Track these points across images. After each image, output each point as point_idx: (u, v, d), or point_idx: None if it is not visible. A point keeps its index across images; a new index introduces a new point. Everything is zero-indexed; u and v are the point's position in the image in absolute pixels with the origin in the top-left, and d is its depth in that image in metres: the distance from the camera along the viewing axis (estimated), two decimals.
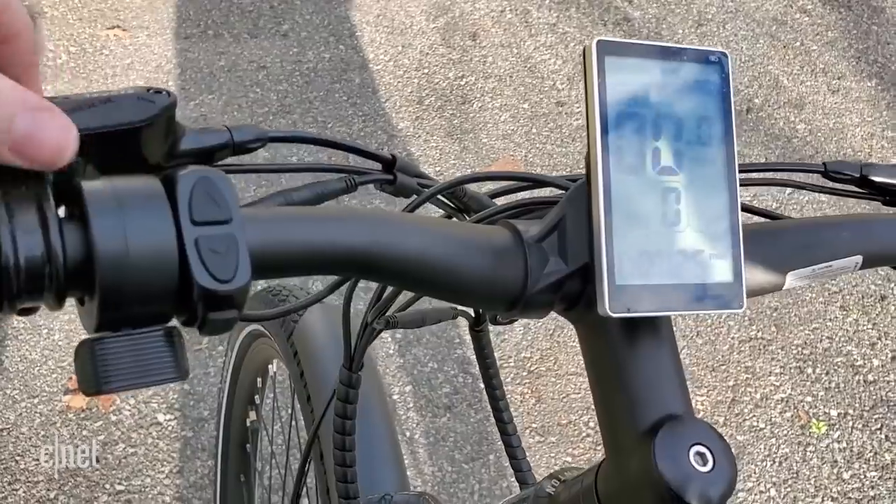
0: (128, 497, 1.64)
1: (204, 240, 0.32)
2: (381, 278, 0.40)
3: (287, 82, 2.55)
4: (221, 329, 0.33)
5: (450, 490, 1.74)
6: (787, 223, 0.52)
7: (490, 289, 0.41)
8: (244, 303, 0.33)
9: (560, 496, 0.48)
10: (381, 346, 1.95)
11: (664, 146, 0.41)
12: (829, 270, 0.50)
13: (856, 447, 1.89)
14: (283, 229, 0.35)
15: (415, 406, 1.86)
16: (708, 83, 0.43)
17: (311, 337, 1.02)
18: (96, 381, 0.31)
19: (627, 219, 0.40)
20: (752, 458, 1.85)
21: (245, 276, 0.32)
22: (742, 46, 2.86)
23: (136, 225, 0.31)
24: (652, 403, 0.42)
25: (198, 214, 0.32)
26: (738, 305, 0.42)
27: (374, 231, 0.37)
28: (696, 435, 0.41)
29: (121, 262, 0.30)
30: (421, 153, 2.40)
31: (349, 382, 0.63)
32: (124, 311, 0.31)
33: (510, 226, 0.42)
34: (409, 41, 2.73)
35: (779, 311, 2.13)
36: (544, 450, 1.82)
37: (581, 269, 0.41)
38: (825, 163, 0.57)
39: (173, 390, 1.80)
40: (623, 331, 0.42)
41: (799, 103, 2.68)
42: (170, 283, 0.31)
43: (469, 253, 0.40)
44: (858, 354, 2.06)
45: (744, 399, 1.95)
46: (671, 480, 0.39)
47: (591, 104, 0.40)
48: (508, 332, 2.00)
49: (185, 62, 2.58)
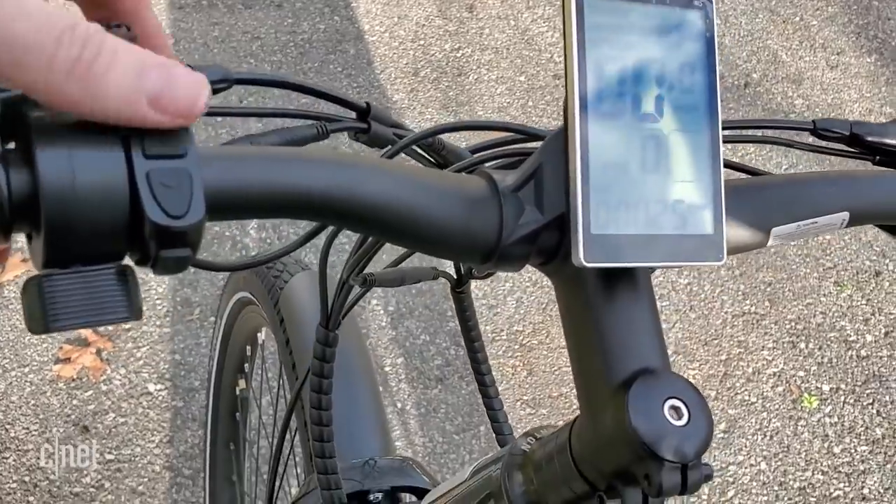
0: (118, 466, 1.64)
1: (156, 173, 0.30)
2: (344, 223, 0.38)
3: (281, 53, 2.53)
4: (175, 268, 0.32)
5: (440, 461, 1.74)
6: (773, 178, 0.50)
7: (463, 239, 0.39)
8: (199, 242, 0.32)
9: (535, 453, 0.47)
10: (373, 318, 1.95)
11: (645, 92, 0.40)
12: (814, 227, 0.48)
13: (847, 422, 1.89)
14: (240, 168, 0.34)
15: (406, 378, 1.86)
16: (692, 28, 0.41)
17: (297, 303, 1.01)
18: (44, 319, 0.30)
19: (605, 166, 0.39)
20: (744, 432, 1.85)
21: (199, 213, 0.31)
22: (741, 21, 2.83)
23: (84, 158, 0.30)
24: (627, 357, 0.41)
25: (150, 148, 0.31)
26: (718, 258, 0.41)
27: (336, 173, 0.36)
28: (671, 388, 0.40)
29: (67, 195, 0.29)
30: (416, 125, 2.38)
31: (325, 341, 0.61)
32: (73, 248, 0.30)
33: (486, 174, 0.40)
34: (405, 12, 2.71)
35: (773, 286, 2.12)
36: (535, 422, 1.82)
37: (557, 220, 0.39)
38: (814, 120, 0.55)
39: (164, 361, 1.80)
40: (600, 283, 0.41)
41: (797, 78, 2.66)
42: (120, 218, 0.30)
43: (440, 200, 0.38)
44: (852, 330, 2.06)
45: (736, 373, 1.95)
46: (645, 435, 0.38)
47: (569, 48, 0.39)
48: (501, 306, 1.99)
49: (179, 32, 2.56)
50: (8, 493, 1.58)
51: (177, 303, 1.90)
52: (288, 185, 0.34)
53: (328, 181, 0.35)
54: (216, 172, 0.33)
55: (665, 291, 2.07)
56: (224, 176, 0.33)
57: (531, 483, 0.46)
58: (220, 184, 0.33)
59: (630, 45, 0.40)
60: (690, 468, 0.39)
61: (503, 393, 1.85)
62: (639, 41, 0.40)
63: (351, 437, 0.94)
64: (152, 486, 1.62)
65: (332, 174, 0.36)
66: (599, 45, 0.39)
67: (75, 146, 0.30)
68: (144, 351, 1.81)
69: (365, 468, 0.86)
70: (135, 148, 0.30)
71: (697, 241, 0.40)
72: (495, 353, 1.92)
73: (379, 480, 0.84)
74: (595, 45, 0.39)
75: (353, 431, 0.95)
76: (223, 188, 0.33)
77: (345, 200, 0.36)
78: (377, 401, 0.99)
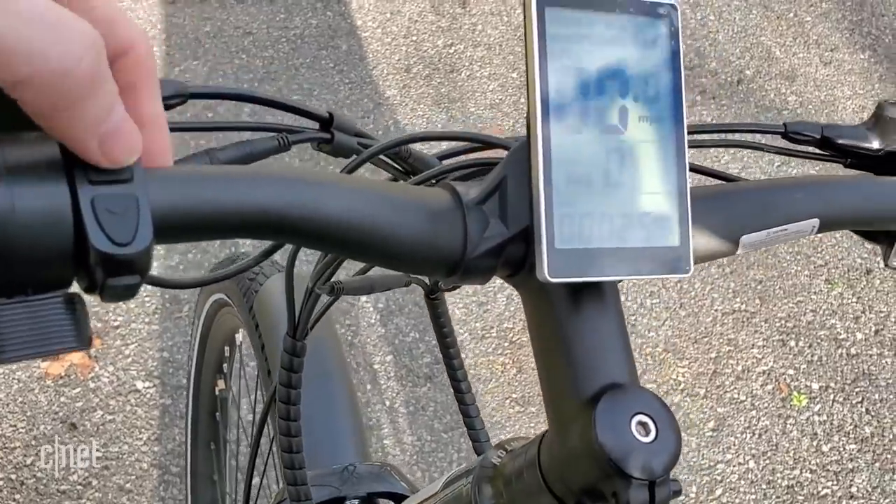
0: (105, 464, 1.64)
1: (101, 199, 0.30)
2: (302, 241, 0.38)
3: (273, 49, 2.53)
4: (124, 296, 0.31)
5: (428, 459, 1.74)
6: (740, 185, 0.49)
7: (426, 253, 0.38)
8: (147, 267, 0.31)
9: (505, 467, 0.46)
10: (362, 315, 1.94)
11: (609, 103, 0.39)
12: (784, 234, 0.48)
13: (836, 420, 1.89)
14: (190, 188, 0.33)
15: (395, 375, 1.86)
16: (656, 37, 0.40)
17: (272, 307, 1.00)
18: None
19: (569, 180, 0.38)
20: (732, 430, 1.85)
21: (146, 240, 0.30)
22: (735, 17, 2.83)
23: (24, 185, 0.29)
24: (594, 372, 0.40)
25: (95, 173, 0.30)
26: (685, 270, 0.41)
27: (290, 190, 0.35)
28: (639, 404, 0.39)
29: (7, 225, 0.28)
30: (408, 122, 2.37)
31: (293, 351, 0.60)
32: (16, 277, 0.29)
33: (449, 187, 0.40)
34: (397, 8, 2.70)
35: (763, 284, 2.12)
36: (524, 419, 1.82)
37: (522, 233, 0.39)
38: (785, 123, 0.55)
39: (153, 358, 1.80)
40: (566, 296, 0.41)
41: (791, 75, 2.66)
42: (65, 246, 0.29)
43: (402, 215, 0.37)
44: (842, 328, 2.06)
45: (725, 371, 1.95)
46: (612, 451, 0.38)
47: (530, 59, 0.38)
48: (491, 303, 1.99)
49: (170, 27, 2.55)
50: None
51: (165, 300, 1.90)
52: (242, 204, 0.34)
53: (284, 199, 0.34)
54: (165, 194, 0.32)
55: (655, 289, 2.07)
56: (173, 198, 0.32)
57: (501, 497, 0.46)
58: (170, 206, 0.32)
59: (593, 55, 0.39)
60: (658, 485, 0.38)
61: (493, 390, 1.85)
62: (602, 52, 0.39)
63: (329, 443, 0.94)
64: (140, 483, 1.62)
65: (289, 191, 0.35)
66: (561, 56, 0.38)
67: (16, 171, 0.29)
68: (133, 348, 1.81)
69: (344, 474, 0.86)
70: (79, 174, 0.30)
71: (664, 253, 0.40)
72: (484, 350, 1.92)
73: (356, 486, 0.84)
74: (557, 56, 0.38)
75: (331, 437, 0.95)
76: (172, 211, 0.32)
77: (302, 219, 0.35)
78: (354, 406, 0.99)
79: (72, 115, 0.29)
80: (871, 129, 0.56)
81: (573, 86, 0.39)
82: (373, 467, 0.90)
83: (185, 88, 0.44)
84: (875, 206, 0.50)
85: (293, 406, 0.62)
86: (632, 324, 1.98)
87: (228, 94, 0.49)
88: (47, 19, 0.28)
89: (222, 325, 1.21)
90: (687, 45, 2.70)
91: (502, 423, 1.81)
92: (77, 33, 0.28)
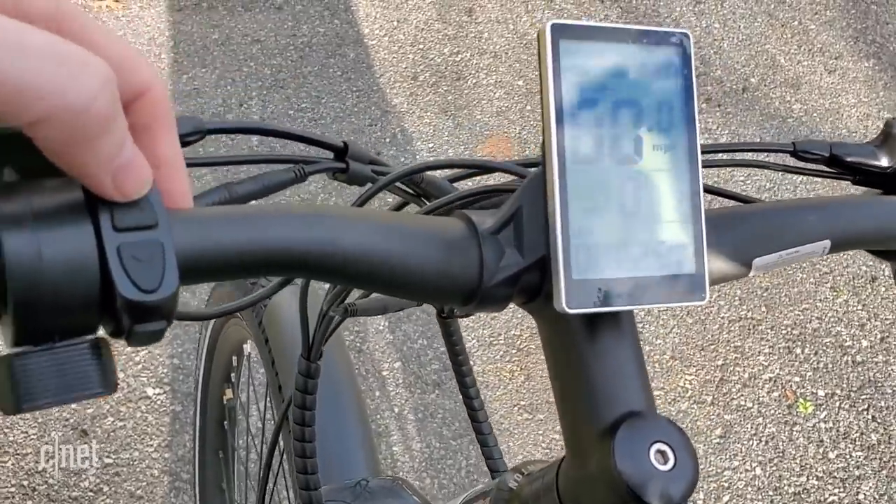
0: (116, 470, 1.65)
1: (127, 247, 0.30)
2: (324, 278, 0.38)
3: (281, 56, 2.54)
4: (151, 340, 0.31)
5: (437, 466, 1.75)
6: (752, 207, 0.50)
7: (443, 284, 0.39)
8: (173, 312, 0.31)
9: (522, 491, 0.47)
10: (370, 322, 1.95)
11: (623, 133, 0.40)
12: (796, 256, 0.48)
13: (842, 427, 1.90)
14: (214, 231, 0.33)
15: (404, 382, 1.87)
16: (669, 66, 0.41)
17: (281, 321, 1.00)
18: (15, 399, 0.29)
19: (584, 210, 0.39)
20: (739, 437, 1.86)
21: (172, 286, 0.30)
22: (740, 25, 2.84)
23: (51, 234, 0.29)
24: (612, 400, 0.41)
25: (120, 220, 0.30)
26: (701, 297, 0.41)
27: (311, 229, 0.35)
28: (657, 433, 0.40)
29: (34, 274, 0.28)
30: (414, 129, 2.39)
31: (307, 373, 0.60)
32: (42, 325, 0.29)
33: (464, 217, 0.40)
34: (404, 16, 2.72)
35: (769, 292, 2.13)
36: (532, 427, 1.83)
37: (538, 262, 0.40)
38: (794, 142, 0.56)
39: (163, 365, 1.81)
40: (583, 325, 0.41)
41: (795, 83, 2.67)
42: (91, 294, 0.29)
43: (419, 247, 0.38)
44: (848, 335, 2.07)
45: (732, 378, 1.96)
46: (630, 479, 0.38)
47: (545, 90, 0.39)
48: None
49: (179, 35, 2.57)
50: (6, 497, 1.59)
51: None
52: (265, 244, 0.34)
53: (306, 237, 0.35)
54: (189, 238, 0.32)
55: None
56: (198, 241, 0.32)
57: None
58: (194, 250, 0.32)
59: (607, 86, 0.40)
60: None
61: (501, 398, 1.86)
62: (616, 82, 0.40)
63: (340, 458, 0.94)
64: (151, 490, 1.63)
65: (310, 230, 0.35)
66: (576, 86, 0.39)
67: (43, 221, 0.29)
68: (143, 355, 1.82)
69: (356, 489, 0.86)
70: (104, 221, 0.30)
71: (680, 281, 0.41)
72: (493, 357, 1.93)
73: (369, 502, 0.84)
74: (572, 87, 0.39)
75: (342, 452, 0.95)
76: (197, 254, 0.32)
77: (324, 255, 0.35)
78: (364, 419, 1.00)
79: (87, 151, 0.29)
80: (880, 147, 0.56)
81: (588, 116, 0.39)
82: (385, 482, 0.90)
83: (202, 125, 0.45)
84: (886, 226, 0.51)
85: (308, 427, 0.62)
86: (639, 331, 1.99)
87: (245, 129, 0.49)
88: (62, 55, 0.28)
89: (230, 336, 1.21)
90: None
91: (511, 431, 1.82)
92: (92, 69, 0.28)
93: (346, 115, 2.40)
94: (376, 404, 1.83)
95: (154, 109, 0.32)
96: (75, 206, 0.30)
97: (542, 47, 0.39)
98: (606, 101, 0.40)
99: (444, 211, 0.46)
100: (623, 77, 0.40)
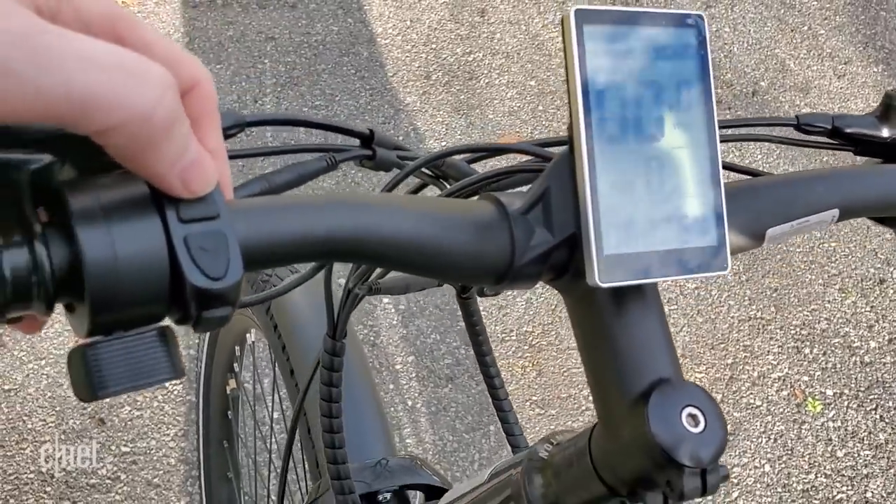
0: (133, 458, 1.67)
1: (193, 237, 0.31)
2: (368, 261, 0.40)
3: (295, 54, 2.56)
4: (216, 325, 0.33)
5: (450, 459, 1.77)
6: (763, 180, 0.52)
7: (477, 264, 0.41)
8: (238, 298, 0.33)
9: (554, 458, 0.49)
10: (383, 316, 1.97)
11: (646, 113, 0.41)
12: (806, 225, 0.50)
13: (850, 426, 1.92)
14: (271, 220, 0.35)
15: (417, 376, 1.88)
16: (686, 46, 0.42)
17: (290, 309, 1.00)
18: (91, 387, 0.30)
19: (612, 188, 0.41)
20: (748, 435, 1.87)
21: (237, 273, 0.32)
22: (750, 29, 2.86)
23: (122, 229, 0.30)
24: (643, 369, 0.42)
25: (185, 212, 0.31)
26: (723, 267, 0.43)
27: (358, 216, 0.37)
28: (688, 397, 0.41)
29: (110, 268, 0.30)
30: (427, 128, 2.41)
31: (333, 351, 0.62)
32: (116, 316, 0.31)
33: (493, 199, 0.42)
34: (417, 16, 2.74)
35: (778, 292, 2.15)
36: (544, 422, 1.84)
37: (568, 240, 0.41)
38: (797, 115, 0.58)
39: None
40: (611, 299, 0.43)
41: (805, 87, 2.69)
42: (161, 284, 0.31)
43: (455, 231, 0.40)
44: (856, 336, 2.09)
45: (741, 377, 1.97)
46: (664, 442, 0.40)
47: (571, 74, 0.40)
48: (511, 307, 2.02)
49: (194, 31, 2.59)
50: (25, 483, 1.60)
51: None
52: (318, 232, 0.36)
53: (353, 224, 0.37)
54: (249, 228, 0.34)
55: (673, 296, 2.10)
56: (257, 231, 0.34)
57: (550, 486, 0.48)
58: (254, 239, 0.34)
59: (630, 68, 0.41)
60: (709, 472, 0.41)
61: (512, 393, 1.87)
62: (638, 64, 0.41)
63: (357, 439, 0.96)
64: (167, 478, 1.65)
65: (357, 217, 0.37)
66: (600, 70, 0.41)
67: (113, 217, 0.30)
68: None
69: (377, 468, 0.88)
70: (170, 214, 0.31)
71: (703, 252, 0.42)
72: (505, 353, 1.94)
73: (389, 480, 0.86)
74: (596, 70, 0.40)
75: (359, 433, 0.97)
76: (257, 243, 0.34)
77: (371, 241, 0.37)
78: (378, 404, 1.01)
79: (155, 154, 0.30)
80: (880, 118, 0.58)
81: (612, 98, 0.41)
82: (404, 461, 0.92)
83: (242, 118, 0.46)
84: (888, 193, 0.52)
85: (335, 403, 0.63)
86: None
87: (282, 120, 0.51)
88: (126, 65, 0.28)
89: (232, 327, 1.22)
90: None
91: (523, 425, 1.82)
92: (154, 76, 0.29)
93: (359, 113, 2.42)
94: (390, 398, 1.84)
95: (203, 103, 0.34)
96: (142, 201, 0.31)
97: (567, 32, 0.40)
98: (629, 82, 0.41)
99: (468, 192, 0.48)
100: (644, 59, 0.42)
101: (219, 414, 1.35)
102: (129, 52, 0.29)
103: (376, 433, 0.99)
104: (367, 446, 0.96)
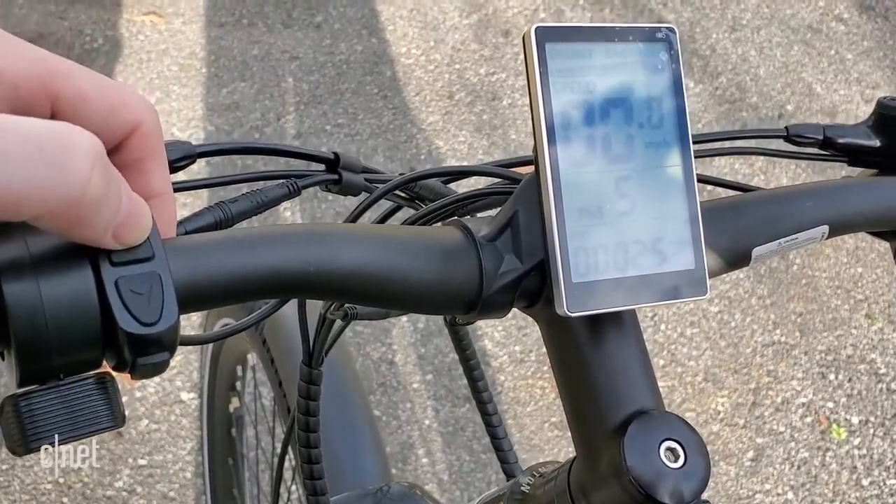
0: (150, 471, 1.66)
1: (125, 281, 0.30)
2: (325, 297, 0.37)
3: (319, 73, 2.58)
4: (154, 372, 0.31)
5: (467, 479, 1.75)
6: (747, 197, 0.49)
7: (445, 295, 0.39)
8: (175, 342, 0.31)
9: (535, 492, 0.47)
10: (402, 335, 1.96)
11: (614, 132, 0.40)
12: (795, 243, 0.48)
13: (876, 454, 1.88)
14: (212, 258, 0.33)
15: (434, 396, 1.87)
16: (656, 62, 0.41)
17: (282, 332, 0.99)
18: (23, 439, 0.29)
19: (580, 212, 0.39)
20: (771, 461, 1.84)
21: (172, 317, 0.30)
22: (776, 53, 2.85)
23: (49, 274, 0.29)
24: (620, 399, 0.40)
25: (117, 255, 0.30)
26: (702, 292, 0.41)
27: (308, 249, 0.35)
28: (667, 430, 0.40)
29: (35, 315, 0.28)
30: (449, 147, 2.41)
31: (309, 379, 0.59)
32: (47, 364, 0.29)
33: (461, 225, 0.40)
34: (441, 36, 2.75)
35: (803, 317, 2.12)
36: (563, 444, 1.82)
37: (538, 266, 0.40)
38: (787, 126, 0.55)
39: (198, 370, 1.82)
40: (586, 326, 0.41)
41: (832, 111, 2.67)
42: (93, 330, 0.29)
43: (419, 260, 0.38)
44: (882, 363, 2.05)
45: (765, 402, 1.94)
46: (641, 478, 0.38)
47: (534, 94, 0.38)
48: (530, 327, 2.00)
49: (219, 49, 2.61)
50: (43, 494, 1.60)
51: (210, 312, 1.93)
52: (262, 268, 0.34)
53: (301, 258, 0.35)
54: (187, 267, 0.32)
55: (696, 318, 2.07)
56: (194, 270, 0.32)
57: None
58: (192, 279, 0.32)
59: (596, 85, 0.39)
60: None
61: (531, 413, 1.86)
62: (604, 81, 0.40)
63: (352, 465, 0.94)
64: (183, 492, 1.64)
65: (304, 250, 0.35)
66: (564, 89, 0.39)
67: (40, 261, 0.29)
68: (178, 359, 1.83)
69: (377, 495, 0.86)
70: (101, 257, 0.30)
71: (680, 277, 0.40)
72: (523, 373, 1.93)
73: None
74: (560, 89, 0.39)
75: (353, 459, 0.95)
76: (195, 283, 0.32)
77: (321, 275, 0.35)
78: (373, 426, 0.99)
79: (86, 227, 0.29)
80: (872, 127, 0.55)
81: (578, 117, 0.39)
82: (404, 488, 0.90)
83: (192, 150, 0.44)
84: (883, 206, 0.50)
85: (312, 434, 0.61)
86: (672, 353, 1.99)
87: (234, 150, 0.49)
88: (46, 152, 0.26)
89: (233, 348, 1.21)
90: (728, 80, 2.72)
91: (541, 447, 1.81)
92: (80, 153, 0.27)
93: (382, 132, 2.42)
94: (407, 416, 1.83)
95: (145, 143, 0.32)
96: (72, 246, 0.30)
97: (529, 51, 0.39)
98: (595, 100, 0.39)
99: (439, 216, 0.46)
100: (611, 76, 0.40)
101: (223, 433, 1.35)
102: (51, 127, 0.27)
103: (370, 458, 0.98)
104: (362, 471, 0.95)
